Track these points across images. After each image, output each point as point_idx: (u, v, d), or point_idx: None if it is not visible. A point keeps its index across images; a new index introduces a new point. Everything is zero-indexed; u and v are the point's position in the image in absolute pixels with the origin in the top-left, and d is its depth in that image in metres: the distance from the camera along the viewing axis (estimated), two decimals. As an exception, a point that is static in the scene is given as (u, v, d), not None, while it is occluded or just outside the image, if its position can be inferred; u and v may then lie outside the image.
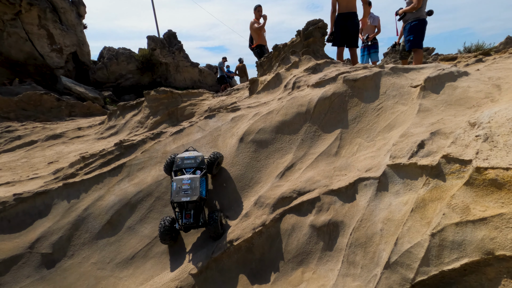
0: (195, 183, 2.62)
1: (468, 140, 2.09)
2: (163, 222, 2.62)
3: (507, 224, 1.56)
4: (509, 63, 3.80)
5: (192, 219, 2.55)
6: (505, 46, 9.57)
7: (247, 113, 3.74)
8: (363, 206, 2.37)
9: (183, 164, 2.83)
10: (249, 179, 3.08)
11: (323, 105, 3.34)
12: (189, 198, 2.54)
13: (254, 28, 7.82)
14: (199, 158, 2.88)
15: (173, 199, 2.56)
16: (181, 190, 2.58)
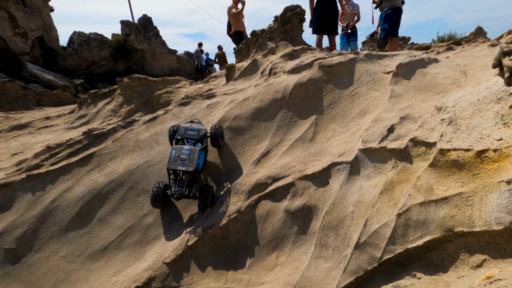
0: (194, 154, 2.64)
1: (434, 123, 2.16)
2: (156, 186, 2.64)
3: (466, 202, 1.64)
4: (476, 51, 3.94)
5: (184, 188, 2.58)
6: (475, 36, 9.96)
7: (223, 100, 3.67)
8: (335, 190, 2.41)
9: (186, 134, 2.84)
10: (225, 166, 3.04)
11: (298, 91, 3.33)
12: (185, 168, 2.56)
13: (232, 13, 7.61)
14: (202, 131, 2.88)
15: (169, 166, 2.59)
16: (179, 159, 2.60)
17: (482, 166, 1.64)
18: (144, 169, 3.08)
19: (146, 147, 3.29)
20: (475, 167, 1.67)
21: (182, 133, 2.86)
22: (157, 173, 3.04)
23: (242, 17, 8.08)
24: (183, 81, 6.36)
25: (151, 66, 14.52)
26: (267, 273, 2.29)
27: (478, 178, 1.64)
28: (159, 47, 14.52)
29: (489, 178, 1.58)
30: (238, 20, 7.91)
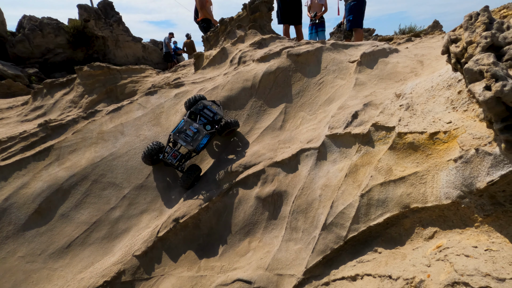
0: (199, 135, 2.69)
1: (394, 109, 2.30)
2: (152, 144, 2.74)
3: (420, 180, 1.78)
4: (432, 42, 4.21)
5: (175, 160, 2.66)
6: (433, 29, 10.61)
7: (192, 89, 3.59)
8: (304, 175, 2.49)
9: (202, 111, 2.87)
10: (195, 157, 3.00)
11: (268, 80, 3.35)
12: (185, 144, 2.63)
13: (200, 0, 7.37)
14: (218, 115, 2.91)
15: (173, 135, 2.66)
16: (184, 133, 2.67)
17: (434, 147, 1.78)
18: (110, 162, 2.94)
19: (111, 138, 3.13)
20: (428, 148, 1.81)
21: (199, 108, 2.88)
22: (123, 165, 2.92)
23: (210, 4, 7.87)
24: (150, 70, 6.10)
25: (114, 54, 13.71)
26: (239, 259, 2.33)
27: (430, 158, 1.78)
28: (122, 35, 13.72)
29: (440, 158, 1.73)
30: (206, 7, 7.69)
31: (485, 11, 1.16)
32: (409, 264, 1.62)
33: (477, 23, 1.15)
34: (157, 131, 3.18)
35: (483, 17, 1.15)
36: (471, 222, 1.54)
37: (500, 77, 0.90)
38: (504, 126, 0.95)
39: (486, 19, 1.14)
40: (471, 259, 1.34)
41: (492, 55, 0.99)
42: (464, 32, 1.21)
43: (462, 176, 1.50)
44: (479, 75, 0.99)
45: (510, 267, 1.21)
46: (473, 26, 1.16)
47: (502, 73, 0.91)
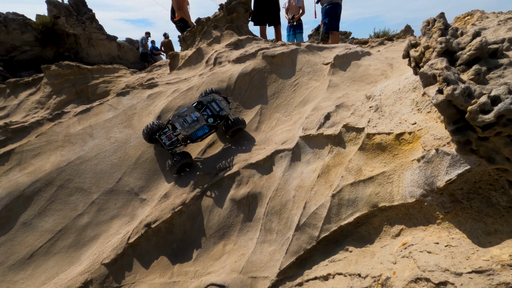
0: (197, 124, 2.70)
1: (364, 111, 2.36)
2: (152, 124, 2.77)
3: (388, 180, 1.83)
4: (402, 46, 4.38)
5: (168, 142, 2.67)
6: (405, 33, 11.07)
7: (166, 89, 3.50)
8: (279, 177, 2.49)
9: (209, 104, 2.85)
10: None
11: (243, 81, 3.34)
12: (180, 128, 2.66)
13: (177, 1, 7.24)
14: (223, 112, 2.87)
15: (172, 117, 2.72)
16: (183, 118, 2.70)
17: (400, 147, 1.85)
18: (77, 166, 2.80)
19: (79, 141, 2.99)
20: (394, 149, 1.87)
21: (209, 100, 2.87)
22: (92, 169, 2.79)
23: (187, 4, 7.74)
24: (123, 70, 5.90)
25: (87, 53, 13.14)
26: (214, 263, 2.29)
27: (397, 158, 1.84)
28: (95, 33, 13.18)
29: (405, 158, 1.79)
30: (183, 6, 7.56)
31: (441, 17, 1.21)
32: (377, 262, 1.66)
33: (434, 29, 1.20)
34: (129, 133, 3.07)
35: (439, 23, 1.20)
36: (433, 219, 1.60)
37: (451, 81, 0.95)
38: (455, 128, 1.00)
39: (442, 25, 1.19)
40: (433, 255, 1.39)
41: (445, 60, 1.04)
42: (422, 37, 1.26)
43: (425, 175, 1.56)
44: (432, 79, 1.03)
45: (466, 262, 1.27)
46: (430, 31, 1.21)
47: (454, 77, 0.96)
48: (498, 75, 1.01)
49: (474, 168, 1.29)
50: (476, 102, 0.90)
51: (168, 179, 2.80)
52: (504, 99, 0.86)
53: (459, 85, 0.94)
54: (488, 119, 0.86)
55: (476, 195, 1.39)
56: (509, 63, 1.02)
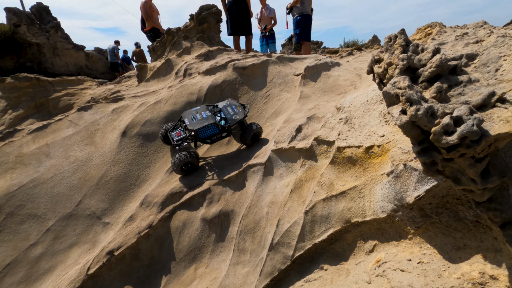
0: (205, 122, 2.63)
1: (334, 123, 2.35)
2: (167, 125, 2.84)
3: (359, 194, 1.81)
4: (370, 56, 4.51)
5: (176, 138, 2.63)
6: (372, 43, 11.58)
7: (132, 103, 3.32)
8: (251, 193, 2.41)
9: (224, 108, 2.80)
10: (135, 178, 2.75)
11: (214, 93, 3.25)
12: (188, 123, 2.60)
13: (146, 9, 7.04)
14: (236, 115, 2.78)
15: (183, 114, 2.69)
16: (193, 116, 2.67)
17: (370, 161, 1.83)
18: (30, 190, 2.54)
19: (33, 162, 2.73)
20: (365, 162, 1.86)
21: (224, 105, 2.82)
22: (48, 193, 2.55)
23: (157, 13, 7.57)
24: (89, 82, 5.61)
25: (52, 63, 12.44)
26: (184, 289, 2.14)
27: (367, 171, 1.82)
28: (61, 42, 12.53)
29: (375, 171, 1.77)
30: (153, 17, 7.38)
31: (402, 34, 1.21)
32: (352, 281, 1.60)
33: (395, 45, 1.19)
34: (90, 151, 2.85)
35: (400, 39, 1.20)
36: (405, 234, 1.58)
37: (414, 101, 0.92)
38: (421, 149, 0.98)
39: (403, 42, 1.19)
40: (406, 274, 1.36)
41: (407, 78, 1.02)
42: (385, 53, 1.25)
43: (394, 190, 1.54)
44: (396, 98, 1.01)
45: (439, 280, 1.25)
46: (392, 48, 1.21)
47: (416, 96, 0.94)
48: (459, 92, 1.00)
49: (441, 184, 1.28)
50: (440, 122, 0.88)
51: (134, 199, 2.62)
52: (466, 120, 0.85)
53: (422, 105, 0.91)
54: (452, 140, 0.84)
55: (445, 209, 1.38)
56: (468, 81, 1.02)
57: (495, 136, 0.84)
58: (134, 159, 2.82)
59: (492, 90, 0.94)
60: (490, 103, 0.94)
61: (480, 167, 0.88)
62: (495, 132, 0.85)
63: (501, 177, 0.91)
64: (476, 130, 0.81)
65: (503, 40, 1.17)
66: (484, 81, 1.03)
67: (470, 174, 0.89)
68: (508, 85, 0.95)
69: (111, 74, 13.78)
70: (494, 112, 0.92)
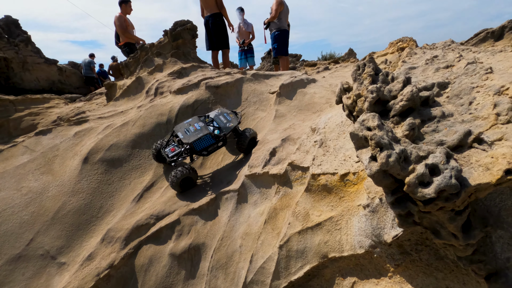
0: (199, 133, 2.54)
1: (309, 145, 2.24)
2: (156, 144, 2.70)
3: (336, 226, 1.68)
4: (345, 72, 4.53)
5: (171, 154, 2.50)
6: (348, 56, 11.89)
7: (97, 125, 3.09)
8: (224, 222, 2.24)
9: (216, 117, 2.74)
10: (98, 209, 2.51)
11: (185, 113, 3.08)
12: (182, 137, 2.51)
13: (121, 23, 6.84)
14: (230, 123, 2.72)
15: (175, 128, 2.60)
16: (186, 128, 2.58)
17: (346, 189, 1.72)
18: (-28, 229, 2.24)
19: (-22, 196, 2.43)
20: (340, 190, 1.75)
21: (216, 114, 2.77)
22: (-6, 231, 2.26)
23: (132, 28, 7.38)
24: (56, 100, 5.28)
25: (22, 78, 11.84)
26: (149, 338, 1.91)
27: (343, 201, 1.71)
28: (31, 56, 12.00)
29: (351, 201, 1.66)
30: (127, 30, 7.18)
31: (370, 62, 1.13)
32: (330, 326, 1.46)
33: (364, 75, 1.10)
34: (47, 180, 2.59)
35: (369, 68, 1.11)
36: (385, 271, 1.46)
37: (384, 145, 0.82)
38: (395, 199, 0.87)
39: (372, 71, 1.10)
40: (387, 322, 1.23)
41: (377, 117, 0.92)
42: (354, 83, 1.16)
43: (371, 226, 1.43)
44: (365, 141, 0.91)
45: (422, 331, 1.12)
46: (361, 77, 1.12)
47: (387, 139, 0.83)
48: (433, 129, 0.92)
49: (419, 221, 1.18)
50: (414, 170, 0.77)
51: (96, 234, 2.37)
52: (443, 170, 0.75)
53: (394, 149, 0.81)
54: (429, 194, 0.73)
55: (424, 246, 1.28)
56: (441, 115, 0.94)
57: (475, 187, 0.75)
58: (96, 188, 2.58)
59: (468, 129, 0.86)
60: (466, 143, 0.85)
61: (461, 220, 0.78)
62: (475, 182, 0.75)
63: (484, 227, 0.82)
64: (454, 184, 0.72)
65: (474, 69, 1.11)
66: (458, 116, 0.95)
67: (450, 228, 0.79)
68: (484, 122, 0.87)
69: (86, 88, 13.31)
70: (472, 155, 0.83)
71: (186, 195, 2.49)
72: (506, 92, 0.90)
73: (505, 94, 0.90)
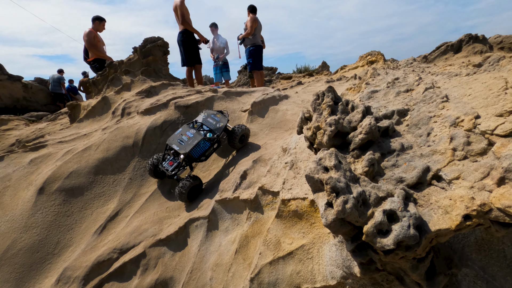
0: (194, 140, 2.52)
1: (280, 167, 2.19)
2: (152, 160, 2.64)
3: (307, 255, 1.61)
4: (318, 86, 4.60)
5: (171, 168, 2.47)
6: (322, 68, 12.23)
7: (56, 151, 2.88)
8: (194, 253, 2.10)
9: (205, 121, 2.71)
10: (54, 245, 2.28)
11: (153, 135, 2.95)
12: (178, 149, 2.49)
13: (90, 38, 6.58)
14: (220, 123, 2.70)
15: (168, 141, 2.55)
16: (179, 139, 2.56)
17: (316, 215, 1.67)
18: None
19: None
20: (311, 216, 1.69)
21: (204, 117, 2.74)
22: None
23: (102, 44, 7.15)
24: (15, 121, 4.94)
25: (-19, 96, 11.08)
26: None
27: (314, 227, 1.65)
28: (-8, 73, 11.30)
29: (322, 228, 1.61)
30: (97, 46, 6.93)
31: (329, 91, 1.10)
32: None
33: (323, 105, 1.07)
34: (-5, 215, 2.33)
35: (328, 98, 1.08)
36: (358, 303, 1.40)
37: (341, 190, 0.77)
38: (355, 246, 0.82)
39: (331, 101, 1.07)
40: None
41: (334, 155, 0.88)
42: (313, 114, 1.12)
43: (341, 256, 1.37)
44: (321, 184, 0.86)
45: None
46: (320, 108, 1.08)
47: (344, 182, 0.79)
48: (393, 163, 0.88)
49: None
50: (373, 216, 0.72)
51: (51, 273, 2.15)
52: (401, 218, 0.71)
53: (352, 194, 0.76)
54: (388, 246, 0.68)
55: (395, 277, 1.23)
56: (401, 149, 0.91)
57: (435, 232, 0.71)
58: (53, 221, 2.36)
59: (426, 165, 0.83)
60: (426, 180, 0.83)
61: (424, 267, 0.74)
62: (435, 227, 0.72)
63: (448, 269, 0.78)
64: (413, 235, 0.67)
65: (431, 96, 1.11)
66: (417, 148, 0.93)
67: (413, 277, 0.75)
68: (442, 158, 0.85)
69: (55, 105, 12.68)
70: (431, 193, 0.80)
71: (155, 222, 2.33)
72: (462, 124, 0.89)
73: (460, 126, 0.89)
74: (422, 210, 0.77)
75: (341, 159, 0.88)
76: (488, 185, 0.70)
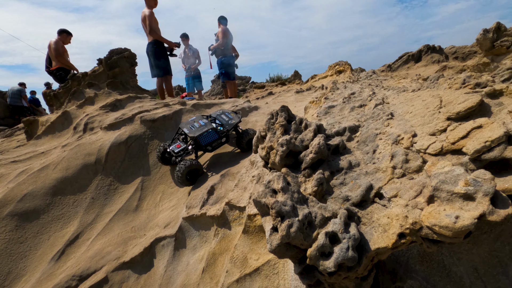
0: (204, 128, 2.65)
1: (247, 181, 2.19)
2: (160, 147, 2.75)
3: (273, 270, 1.61)
4: (287, 97, 4.70)
5: (176, 150, 2.60)
6: (294, 77, 12.55)
7: (9, 171, 2.67)
8: (160, 274, 2.02)
9: (219, 116, 2.89)
10: (4, 276, 2.10)
11: (117, 151, 2.84)
12: (188, 132, 2.62)
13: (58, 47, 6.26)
14: (232, 120, 2.84)
15: (180, 125, 2.71)
16: (191, 125, 2.70)
17: (281, 229, 1.68)
18: None
19: None
20: (276, 231, 1.70)
21: (218, 113, 2.92)
22: None
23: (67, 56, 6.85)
24: (-35, 139, 4.56)
25: None
26: None
27: (279, 242, 1.66)
28: None
29: (287, 242, 1.62)
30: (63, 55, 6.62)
31: (283, 111, 1.13)
32: None
33: (276, 125, 1.09)
34: None
35: (281, 117, 1.11)
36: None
37: (286, 213, 0.78)
38: (303, 268, 0.83)
39: (284, 120, 1.10)
40: None
41: (282, 178, 0.90)
42: (267, 133, 1.14)
43: (304, 271, 1.39)
44: (267, 208, 0.87)
45: None
46: (274, 127, 1.11)
47: (290, 205, 0.80)
48: (341, 181, 0.92)
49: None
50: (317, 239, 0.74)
51: (1, 308, 1.96)
52: (341, 239, 0.73)
53: (297, 217, 0.78)
54: (329, 268, 0.70)
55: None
56: (348, 167, 0.95)
57: (375, 251, 0.74)
58: (3, 250, 2.17)
59: (369, 184, 0.87)
60: (369, 198, 0.86)
61: (367, 284, 0.77)
62: (375, 246, 0.75)
63: (393, 283, 0.81)
64: (351, 257, 0.70)
65: (378, 113, 1.17)
66: (364, 166, 0.97)
67: (358, 296, 0.77)
68: (383, 176, 0.90)
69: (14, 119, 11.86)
70: (374, 211, 0.84)
71: (119, 243, 2.22)
72: (402, 142, 0.95)
73: (400, 144, 0.95)
74: (364, 228, 0.80)
75: (291, 180, 0.90)
76: (420, 203, 0.75)
